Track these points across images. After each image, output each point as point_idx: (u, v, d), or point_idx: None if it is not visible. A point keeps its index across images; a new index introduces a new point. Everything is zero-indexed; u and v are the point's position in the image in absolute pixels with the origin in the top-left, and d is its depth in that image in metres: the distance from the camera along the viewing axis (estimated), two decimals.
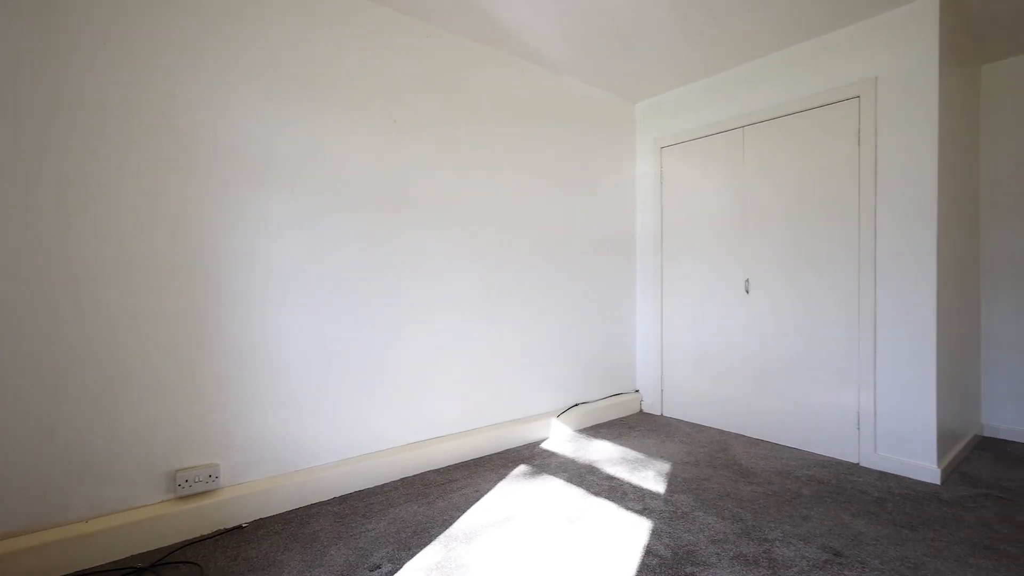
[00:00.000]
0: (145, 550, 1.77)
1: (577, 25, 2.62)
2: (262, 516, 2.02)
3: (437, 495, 2.23)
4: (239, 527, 1.94)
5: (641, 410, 3.71)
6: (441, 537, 1.87)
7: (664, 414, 3.58)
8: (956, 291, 2.66)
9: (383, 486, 2.33)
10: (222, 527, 1.92)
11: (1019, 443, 2.93)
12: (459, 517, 2.02)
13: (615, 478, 2.42)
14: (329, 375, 2.26)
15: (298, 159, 2.16)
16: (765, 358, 3.01)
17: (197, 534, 1.87)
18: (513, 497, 2.21)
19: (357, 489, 2.28)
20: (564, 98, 3.26)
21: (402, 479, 2.41)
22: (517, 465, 2.60)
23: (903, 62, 2.46)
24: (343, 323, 2.30)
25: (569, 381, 3.29)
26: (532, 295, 3.07)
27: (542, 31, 2.68)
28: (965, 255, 2.83)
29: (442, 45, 2.64)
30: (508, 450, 2.83)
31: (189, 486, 1.89)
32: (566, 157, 3.26)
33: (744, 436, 3.08)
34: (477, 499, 2.19)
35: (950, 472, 2.46)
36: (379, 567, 1.67)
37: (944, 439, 2.46)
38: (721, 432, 3.17)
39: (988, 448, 2.85)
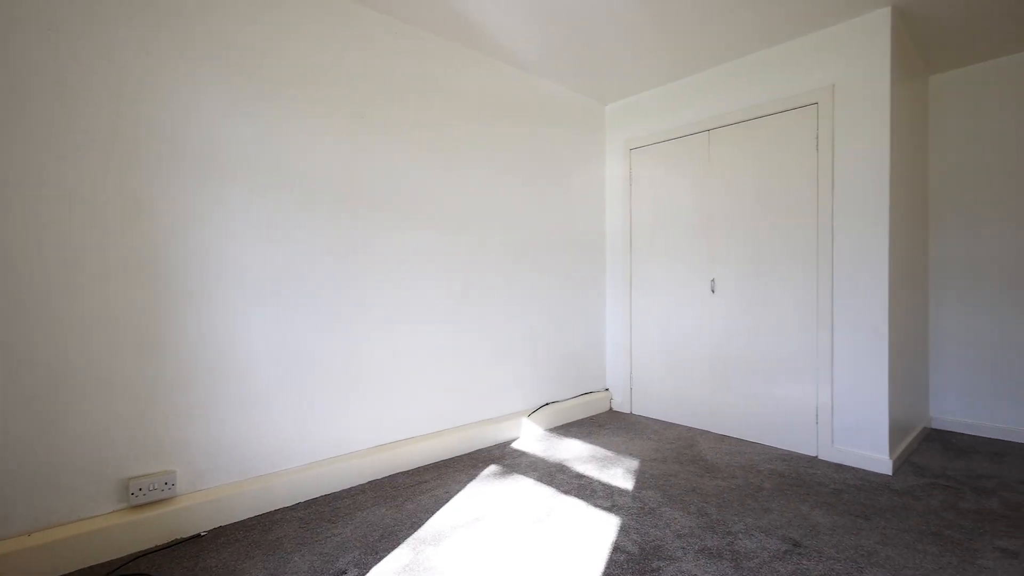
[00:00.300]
0: (95, 563, 1.69)
1: (546, 26, 2.63)
2: (223, 524, 1.95)
3: (406, 497, 2.20)
4: (197, 536, 1.87)
5: (611, 408, 3.76)
6: (409, 540, 1.84)
7: (633, 412, 3.63)
8: (907, 290, 2.79)
9: (351, 489, 2.28)
10: (179, 536, 1.84)
11: (963, 434, 3.10)
12: (428, 519, 2.00)
13: (584, 476, 2.44)
14: (295, 377, 2.20)
15: (264, 157, 2.10)
16: (730, 356, 3.09)
17: (151, 544, 1.79)
18: (483, 497, 2.20)
19: (324, 493, 2.23)
20: (536, 99, 3.27)
21: (371, 482, 2.37)
22: (488, 465, 2.59)
23: (858, 71, 2.56)
24: (311, 324, 2.24)
25: (540, 381, 3.30)
26: (503, 295, 3.06)
27: (512, 31, 2.68)
28: (915, 256, 2.98)
29: (414, 43, 2.61)
30: (479, 450, 2.82)
31: (143, 495, 1.81)
32: (537, 158, 3.27)
33: (710, 432, 3.15)
34: (447, 500, 2.17)
35: (901, 463, 2.58)
36: (344, 572, 1.64)
37: (895, 432, 2.58)
38: (688, 429, 3.24)
39: (936, 439, 3.00)
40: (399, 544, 1.81)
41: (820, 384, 2.70)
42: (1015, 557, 1.71)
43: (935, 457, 2.70)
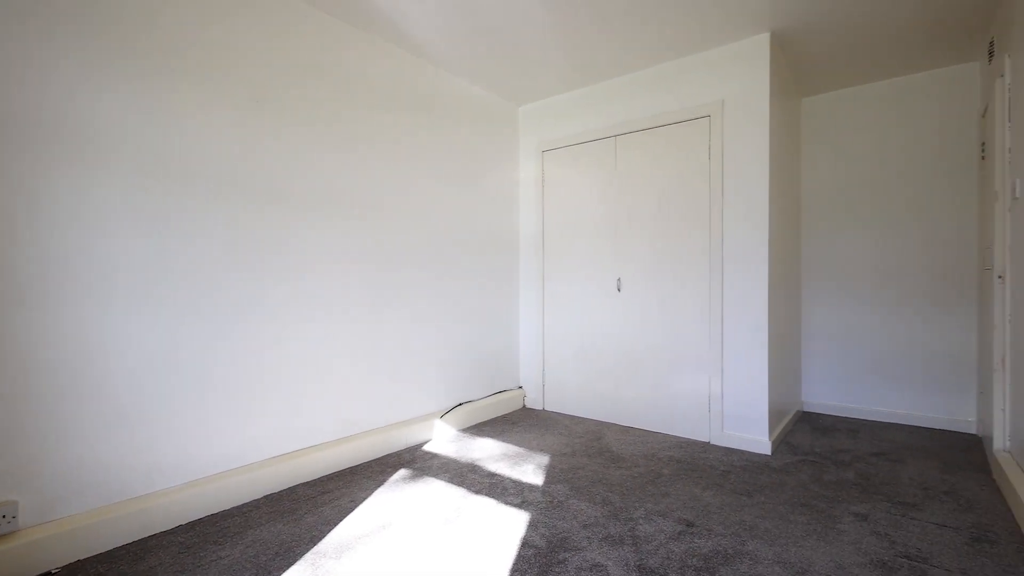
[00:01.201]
0: None
1: (456, 22, 2.60)
2: (83, 557, 1.70)
3: (307, 510, 2.06)
4: (47, 574, 1.61)
5: (524, 406, 3.81)
6: (308, 555, 1.72)
7: (546, 408, 3.71)
8: (783, 288, 3.12)
9: (243, 506, 2.09)
10: None
11: (828, 415, 3.52)
12: (330, 531, 1.89)
13: (496, 474, 2.44)
14: (177, 387, 1.97)
15: (144, 141, 1.86)
16: (634, 351, 3.26)
17: None
18: (391, 504, 2.12)
19: (211, 513, 2.02)
20: (449, 95, 3.22)
21: (267, 496, 2.19)
22: (397, 470, 2.51)
23: (743, 89, 2.82)
24: (200, 327, 2.02)
25: (453, 381, 3.26)
26: (414, 294, 2.98)
27: (423, 24, 2.62)
28: (790, 257, 3.33)
29: (321, 28, 2.46)
30: (389, 455, 2.72)
31: None
32: (451, 155, 3.23)
33: (617, 425, 3.30)
34: (352, 509, 2.07)
35: (778, 444, 2.87)
36: None
37: (774, 416, 2.87)
38: (597, 422, 3.37)
39: (806, 421, 3.38)
40: (296, 561, 1.69)
41: (712, 376, 2.93)
42: (865, 519, 1.96)
43: (805, 437, 3.04)
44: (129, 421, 1.85)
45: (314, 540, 1.82)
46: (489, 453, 2.75)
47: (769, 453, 2.72)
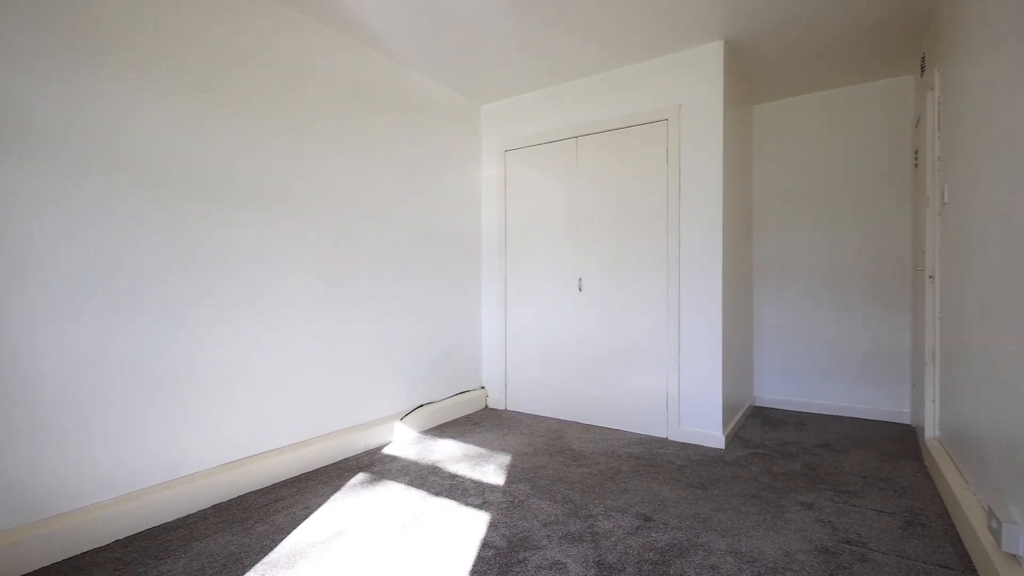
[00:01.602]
0: None
1: (418, 18, 2.56)
2: None
3: (257, 519, 1.98)
4: None
5: (487, 406, 3.80)
6: (257, 566, 1.65)
7: (508, 408, 3.71)
8: (737, 288, 3.23)
9: (188, 517, 1.99)
10: None
11: (779, 409, 3.68)
12: (282, 540, 1.82)
13: (457, 476, 2.42)
14: (112, 392, 1.85)
15: (80, 130, 1.73)
16: (595, 350, 3.30)
17: None
18: (348, 509, 2.06)
19: (153, 525, 1.91)
20: (410, 92, 3.17)
21: (214, 506, 2.09)
22: (355, 474, 2.44)
23: (698, 94, 2.90)
24: (139, 327, 1.90)
25: (414, 382, 3.21)
26: (373, 294, 2.92)
27: (384, 18, 2.56)
28: (743, 258, 3.46)
29: (273, 17, 2.36)
30: (346, 459, 2.65)
31: None
32: (411, 153, 3.18)
33: (578, 423, 3.34)
34: (306, 516, 2.00)
35: (732, 438, 2.97)
36: None
37: (728, 411, 2.97)
38: (559, 421, 3.39)
39: (758, 415, 3.52)
40: (244, 572, 1.61)
41: (669, 374, 3.00)
42: (811, 508, 2.05)
43: (757, 431, 3.16)
44: (54, 430, 1.72)
45: (265, 550, 1.75)
46: (450, 454, 2.72)
47: (723, 447, 2.81)
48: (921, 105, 2.83)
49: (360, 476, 2.42)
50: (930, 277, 2.51)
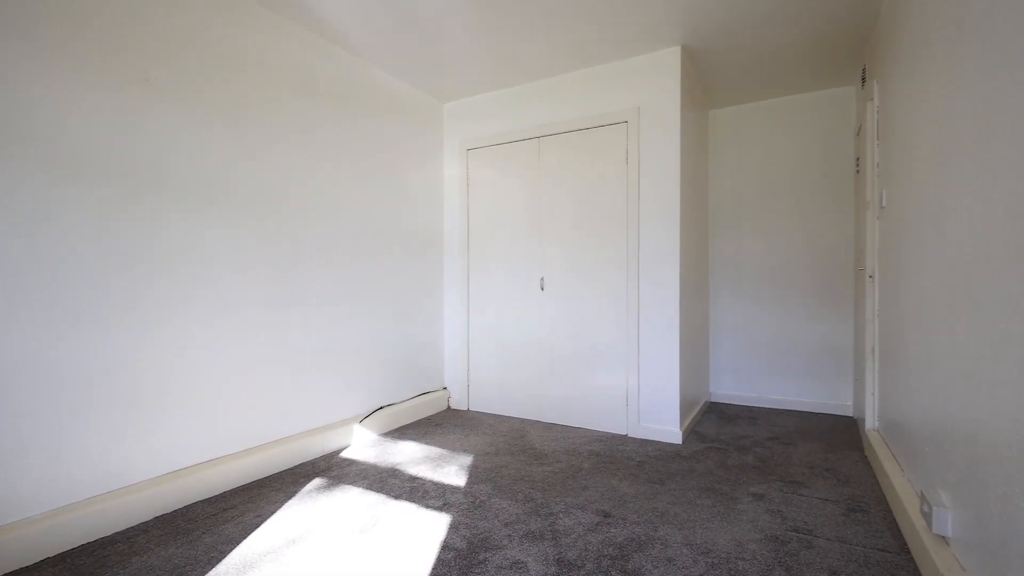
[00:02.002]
0: None
1: (379, 13, 2.51)
2: None
3: (204, 529, 1.89)
4: None
5: (449, 407, 3.76)
6: None
7: (471, 408, 3.69)
8: (694, 288, 3.33)
9: (128, 531, 1.87)
10: None
11: (734, 405, 3.81)
12: (232, 550, 1.74)
13: (418, 478, 2.38)
14: (43, 399, 1.72)
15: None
16: (556, 349, 3.32)
17: None
18: (303, 516, 1.99)
19: (88, 541, 1.79)
20: (370, 88, 3.10)
21: (158, 517, 1.98)
22: (311, 479, 2.37)
23: (656, 97, 2.97)
24: (71, 332, 1.77)
25: (373, 383, 3.14)
26: (330, 294, 2.84)
27: (344, 11, 2.49)
28: (700, 258, 3.56)
29: (221, 3, 2.26)
30: (302, 464, 2.56)
31: None
32: (371, 150, 3.11)
33: (540, 422, 3.35)
34: (258, 525, 1.92)
35: (688, 433, 3.05)
36: None
37: (685, 407, 3.05)
38: (521, 420, 3.39)
39: (714, 411, 3.63)
40: None
41: (629, 372, 3.05)
42: (762, 499, 2.14)
43: (712, 425, 3.26)
44: None
45: (212, 561, 1.67)
46: (411, 456, 2.68)
47: (680, 442, 2.88)
48: (862, 114, 2.99)
49: (316, 481, 2.35)
50: (870, 277, 2.66)
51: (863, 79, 3.02)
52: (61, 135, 1.77)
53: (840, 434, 3.05)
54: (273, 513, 2.02)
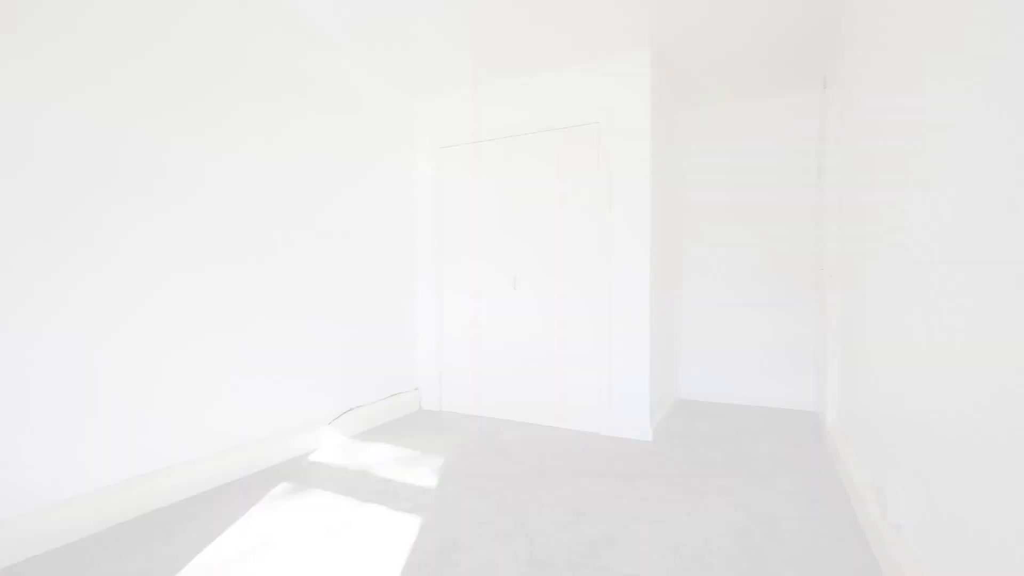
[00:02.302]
0: None
1: (349, 5, 2.46)
2: None
3: (163, 538, 1.81)
4: None
5: (421, 407, 3.72)
6: None
7: (444, 409, 3.66)
8: (664, 288, 3.38)
9: (79, 542, 1.78)
10: None
11: (702, 402, 3.90)
12: (192, 559, 1.67)
13: (389, 480, 2.35)
14: None
15: None
16: (530, 348, 3.33)
17: None
18: (269, 522, 1.94)
19: (32, 555, 1.69)
20: (340, 83, 3.03)
21: (112, 528, 1.89)
22: (278, 484, 2.30)
23: (627, 99, 3.01)
24: (7, 336, 1.67)
25: (343, 385, 3.08)
26: (297, 295, 2.77)
27: (312, 3, 2.43)
28: (669, 259, 3.62)
29: None
30: (268, 468, 2.49)
31: None
32: (339, 145, 3.05)
33: (514, 421, 3.35)
34: (221, 532, 1.85)
35: (659, 430, 3.10)
36: None
37: (655, 406, 3.10)
38: (494, 420, 3.39)
39: (683, 408, 3.71)
40: None
41: (601, 370, 3.08)
42: (729, 493, 2.19)
43: (681, 422, 3.32)
44: None
45: (171, 571, 1.60)
46: (382, 458, 2.64)
47: (650, 439, 2.93)
48: (824, 120, 3.10)
49: (283, 486, 2.28)
50: (831, 277, 2.76)
51: (824, 86, 3.13)
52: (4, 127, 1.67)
53: (802, 430, 3.16)
54: (237, 520, 1.95)
